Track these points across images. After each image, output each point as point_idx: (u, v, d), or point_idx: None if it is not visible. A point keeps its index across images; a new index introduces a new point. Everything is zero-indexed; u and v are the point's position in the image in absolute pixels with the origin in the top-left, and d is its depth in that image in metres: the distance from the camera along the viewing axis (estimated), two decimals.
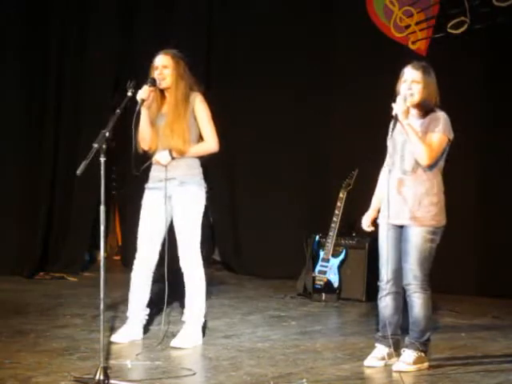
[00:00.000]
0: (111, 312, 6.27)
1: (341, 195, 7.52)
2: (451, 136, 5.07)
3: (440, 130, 5.01)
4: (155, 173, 5.59)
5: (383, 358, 5.19)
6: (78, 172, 4.64)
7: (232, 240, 9.31)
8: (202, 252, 5.58)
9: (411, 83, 5.05)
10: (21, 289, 7.70)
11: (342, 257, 7.64)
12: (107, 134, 4.80)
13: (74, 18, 8.72)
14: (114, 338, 5.61)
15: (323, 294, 7.55)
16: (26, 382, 4.59)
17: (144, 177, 5.65)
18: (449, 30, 8.01)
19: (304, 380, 4.75)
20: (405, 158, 5.05)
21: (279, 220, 8.88)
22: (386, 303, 5.19)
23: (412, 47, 8.23)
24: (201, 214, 5.57)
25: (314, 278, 7.62)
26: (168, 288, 5.53)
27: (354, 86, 8.32)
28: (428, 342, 5.18)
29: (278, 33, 8.77)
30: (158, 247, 5.61)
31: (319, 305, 7.40)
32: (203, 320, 5.67)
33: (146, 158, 5.60)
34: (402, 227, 5.10)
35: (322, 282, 7.59)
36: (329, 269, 7.60)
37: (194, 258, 5.53)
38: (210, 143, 5.60)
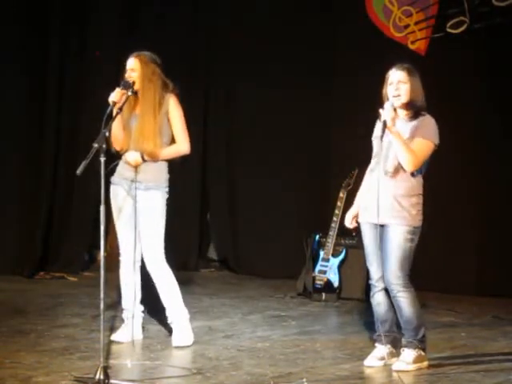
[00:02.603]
0: (111, 312, 6.27)
1: (341, 195, 7.52)
2: (437, 141, 5.09)
3: (427, 137, 5.04)
4: (122, 170, 5.60)
5: (383, 358, 5.18)
6: (78, 172, 4.66)
7: (232, 240, 9.31)
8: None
9: (398, 84, 5.06)
10: (21, 289, 7.69)
11: (341, 256, 7.64)
12: (107, 134, 4.82)
13: (74, 17, 8.72)
14: (113, 337, 5.62)
15: (323, 294, 7.55)
16: (26, 382, 4.59)
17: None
18: (448, 30, 8.00)
19: (304, 380, 4.75)
20: (388, 159, 5.06)
21: (279, 220, 8.88)
22: (378, 300, 5.18)
23: (411, 47, 8.23)
24: (162, 219, 5.59)
25: (313, 278, 7.62)
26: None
27: (354, 86, 8.31)
28: (425, 339, 5.16)
29: (277, 33, 8.76)
30: (137, 241, 5.63)
31: (319, 305, 7.40)
32: (187, 313, 5.66)
33: (116, 158, 5.62)
34: (382, 226, 5.08)
35: (321, 282, 7.59)
36: (329, 268, 7.61)
37: (158, 259, 5.56)
38: (182, 145, 5.61)
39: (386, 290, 5.16)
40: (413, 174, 5.05)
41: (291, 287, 7.85)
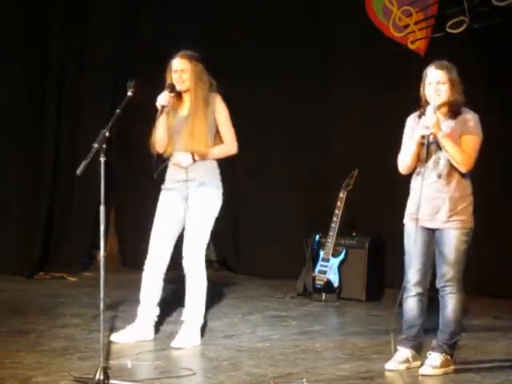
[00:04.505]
0: (111, 312, 6.27)
1: (341, 195, 7.53)
2: (482, 136, 5.05)
3: (474, 133, 5.00)
4: (173, 174, 5.58)
5: (406, 361, 5.12)
6: (78, 172, 4.66)
7: (232, 240, 9.30)
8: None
9: (437, 85, 4.98)
10: (21, 289, 7.69)
11: (341, 257, 7.63)
12: (107, 134, 4.82)
13: (74, 17, 8.72)
14: (117, 338, 5.59)
15: (323, 294, 7.55)
16: (26, 382, 4.60)
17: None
18: (448, 30, 8.00)
19: (304, 380, 4.75)
20: (440, 162, 5.00)
21: (279, 220, 8.87)
22: (411, 306, 5.13)
23: (411, 47, 8.22)
24: (214, 216, 5.60)
25: (313, 278, 7.62)
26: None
27: (354, 86, 8.31)
28: (455, 346, 5.13)
29: (278, 33, 8.76)
30: (171, 249, 5.62)
31: (319, 305, 7.40)
32: (202, 320, 5.67)
33: (162, 160, 5.61)
34: (433, 230, 5.05)
35: (322, 282, 7.58)
36: (329, 269, 7.60)
37: (199, 257, 5.54)
38: (231, 146, 5.66)
39: (420, 295, 5.11)
40: (464, 175, 5.00)
41: (291, 287, 7.84)
